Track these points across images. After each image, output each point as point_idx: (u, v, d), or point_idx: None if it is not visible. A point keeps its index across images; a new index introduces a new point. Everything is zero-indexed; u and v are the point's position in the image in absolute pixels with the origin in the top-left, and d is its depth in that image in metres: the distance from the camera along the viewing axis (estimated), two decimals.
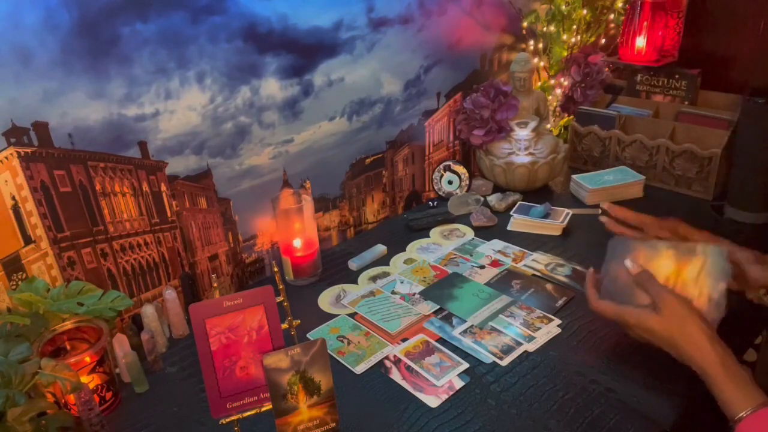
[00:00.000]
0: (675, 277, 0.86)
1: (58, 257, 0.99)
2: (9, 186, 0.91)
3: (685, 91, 1.61)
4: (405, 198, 1.59)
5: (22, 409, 0.73)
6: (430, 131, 1.58)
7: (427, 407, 0.88)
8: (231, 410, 0.77)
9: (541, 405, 0.87)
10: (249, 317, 0.76)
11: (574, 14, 1.67)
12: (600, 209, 1.38)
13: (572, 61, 1.62)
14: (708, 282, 0.85)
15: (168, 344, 1.04)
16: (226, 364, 0.76)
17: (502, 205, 1.42)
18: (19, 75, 0.87)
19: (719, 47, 1.72)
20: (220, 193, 1.18)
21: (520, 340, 0.99)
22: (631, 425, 0.82)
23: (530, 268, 1.19)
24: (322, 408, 0.77)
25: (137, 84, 1.00)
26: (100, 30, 0.93)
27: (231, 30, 1.09)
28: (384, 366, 0.96)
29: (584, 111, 1.59)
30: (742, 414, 0.73)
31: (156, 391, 0.95)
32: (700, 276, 0.85)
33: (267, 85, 1.18)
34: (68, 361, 0.82)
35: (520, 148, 1.45)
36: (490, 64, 1.66)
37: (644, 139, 1.47)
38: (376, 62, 1.35)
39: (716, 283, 0.85)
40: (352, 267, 1.25)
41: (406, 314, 1.07)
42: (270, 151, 1.23)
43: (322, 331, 1.05)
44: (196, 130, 1.11)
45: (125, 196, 1.05)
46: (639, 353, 0.91)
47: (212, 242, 1.21)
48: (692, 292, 0.85)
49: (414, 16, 1.39)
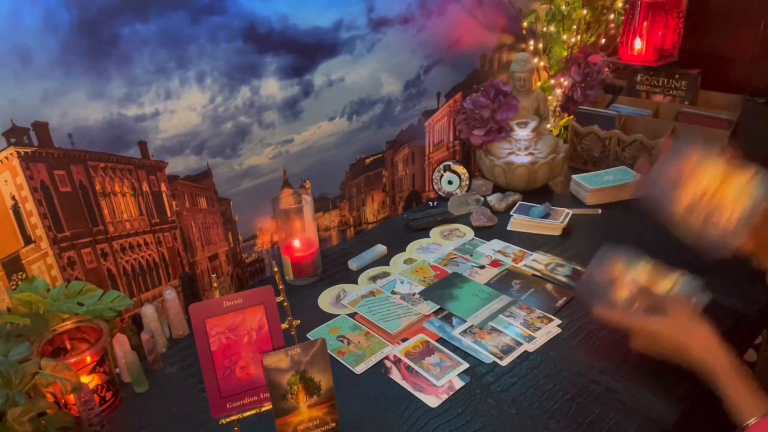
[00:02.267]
0: (716, 187, 0.85)
1: (58, 257, 0.99)
2: (9, 186, 0.91)
3: (685, 91, 1.61)
4: (405, 198, 1.59)
5: (22, 409, 0.73)
6: (430, 131, 1.58)
7: (427, 407, 0.88)
8: (231, 410, 0.77)
9: (541, 405, 0.87)
10: (249, 317, 0.75)
11: (574, 14, 1.67)
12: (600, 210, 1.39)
13: (572, 61, 1.62)
14: (748, 200, 0.84)
15: (168, 344, 1.04)
16: (226, 364, 0.76)
17: (502, 205, 1.42)
18: (19, 75, 0.87)
19: (719, 47, 1.72)
20: (220, 193, 1.18)
21: (520, 340, 0.99)
22: (631, 425, 0.82)
23: (530, 268, 1.19)
24: (322, 408, 0.77)
25: (137, 84, 1.00)
26: (100, 30, 0.93)
27: (231, 30, 1.09)
28: (384, 366, 0.96)
29: (584, 111, 1.59)
30: (752, 420, 0.72)
31: (156, 391, 0.95)
32: (744, 191, 0.84)
33: (267, 85, 1.18)
34: (68, 361, 0.82)
35: (520, 148, 1.45)
36: (490, 64, 1.66)
37: (644, 139, 1.47)
38: (376, 62, 1.35)
39: (755, 203, 0.83)
40: (352, 267, 1.25)
41: (406, 314, 1.07)
42: (270, 151, 1.23)
43: (322, 331, 1.05)
44: (196, 130, 1.11)
45: (125, 196, 1.05)
46: (639, 353, 0.91)
47: (212, 242, 1.21)
48: (728, 205, 0.84)
49: (414, 16, 1.39)
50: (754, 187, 0.85)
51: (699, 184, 0.86)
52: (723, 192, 0.85)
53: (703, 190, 0.86)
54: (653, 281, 0.88)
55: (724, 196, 0.85)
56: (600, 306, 0.90)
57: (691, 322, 0.80)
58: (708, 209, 0.86)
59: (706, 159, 0.88)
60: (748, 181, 0.85)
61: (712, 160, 0.87)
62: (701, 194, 0.86)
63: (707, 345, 0.78)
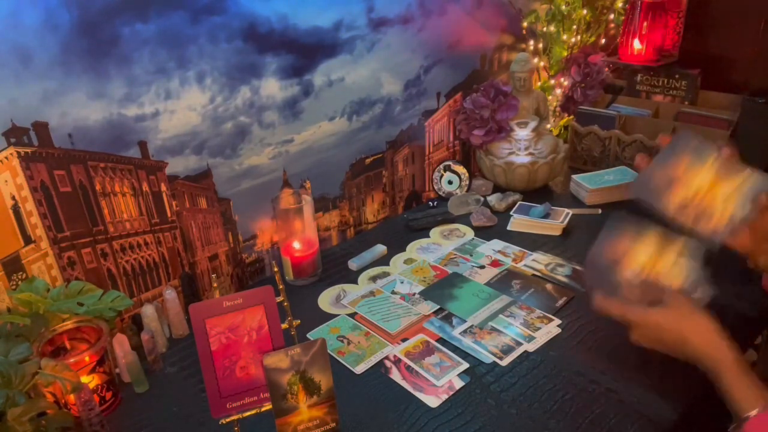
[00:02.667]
0: (707, 189, 0.85)
1: (58, 257, 0.99)
2: (9, 186, 0.91)
3: (685, 91, 1.61)
4: (405, 198, 1.59)
5: (22, 409, 0.73)
6: (430, 131, 1.58)
7: (427, 407, 0.88)
8: (231, 410, 0.77)
9: (541, 405, 0.87)
10: (249, 317, 0.75)
11: (574, 14, 1.67)
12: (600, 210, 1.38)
13: (572, 61, 1.62)
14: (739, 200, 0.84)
15: (168, 344, 1.04)
16: (226, 364, 0.76)
17: (502, 205, 1.42)
18: (19, 75, 0.87)
19: (719, 47, 1.72)
20: (220, 193, 1.18)
21: (520, 340, 0.99)
22: (631, 425, 0.82)
23: (530, 268, 1.19)
24: (322, 408, 0.77)
25: (137, 84, 1.00)
26: (100, 30, 0.93)
27: (231, 30, 1.09)
28: (384, 366, 0.96)
29: (584, 111, 1.59)
30: (752, 412, 0.72)
31: (156, 391, 0.95)
32: (735, 192, 0.84)
33: (267, 85, 1.18)
34: (68, 361, 0.82)
35: (520, 148, 1.45)
36: (490, 64, 1.66)
37: (644, 139, 1.47)
38: (376, 62, 1.35)
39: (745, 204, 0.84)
40: (352, 267, 1.25)
41: (406, 314, 1.07)
42: (270, 151, 1.23)
43: (322, 331, 1.05)
44: (196, 130, 1.11)
45: (125, 196, 1.05)
46: (639, 353, 0.91)
47: (212, 242, 1.21)
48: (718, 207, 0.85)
49: (414, 16, 1.39)
50: (746, 187, 0.85)
51: (691, 185, 0.86)
52: (714, 193, 0.85)
53: (695, 190, 0.86)
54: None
55: (715, 197, 0.85)
56: (601, 297, 0.89)
57: (692, 315, 0.80)
58: (698, 210, 0.86)
59: (700, 159, 0.88)
60: (741, 182, 0.85)
61: (705, 160, 0.87)
62: (692, 194, 0.86)
63: (708, 337, 0.78)
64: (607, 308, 0.88)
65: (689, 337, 0.79)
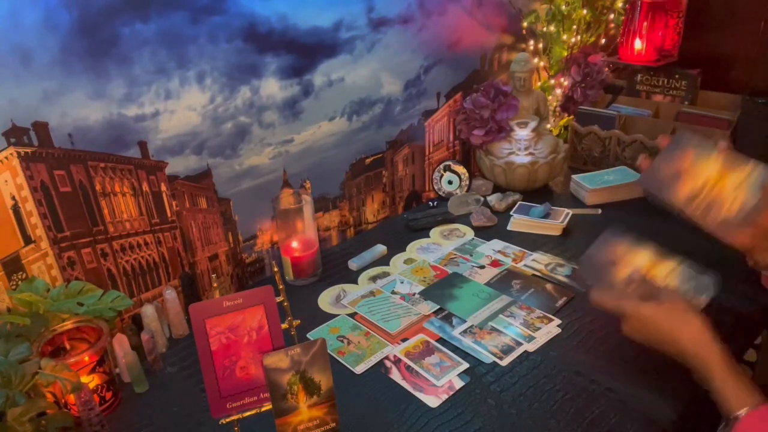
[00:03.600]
0: (715, 180, 0.87)
1: (58, 257, 0.99)
2: (9, 186, 0.91)
3: (685, 91, 1.61)
4: (405, 198, 1.59)
5: (22, 409, 0.73)
6: (430, 131, 1.58)
7: (427, 407, 0.88)
8: (231, 410, 0.77)
9: (541, 405, 0.87)
10: (249, 317, 0.75)
11: (574, 14, 1.67)
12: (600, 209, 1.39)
13: (572, 61, 1.62)
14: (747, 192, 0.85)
15: (168, 344, 1.04)
16: (226, 364, 0.76)
17: (502, 205, 1.42)
18: (19, 75, 0.87)
19: (719, 47, 1.72)
20: (220, 193, 1.18)
21: (520, 340, 0.99)
22: (631, 425, 0.82)
23: (530, 268, 1.19)
24: (322, 408, 0.77)
25: (137, 84, 1.00)
26: (100, 30, 0.93)
27: (231, 30, 1.09)
28: (384, 366, 0.96)
29: (584, 111, 1.59)
30: (741, 411, 0.72)
31: (156, 391, 0.95)
32: (742, 185, 0.85)
33: (267, 85, 1.18)
34: (68, 361, 0.82)
35: (520, 148, 1.45)
36: (490, 64, 1.66)
37: (644, 139, 1.47)
38: (376, 62, 1.35)
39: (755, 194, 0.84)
40: (352, 267, 1.25)
41: (406, 314, 1.07)
42: (270, 151, 1.23)
43: (322, 331, 1.05)
44: (196, 130, 1.11)
45: (125, 196, 1.05)
46: (639, 353, 0.91)
47: (212, 242, 1.21)
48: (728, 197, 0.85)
49: (414, 16, 1.39)
50: (754, 176, 0.86)
51: (698, 177, 0.87)
52: (723, 184, 0.87)
53: (703, 181, 0.87)
54: (654, 266, 0.88)
55: (723, 188, 0.86)
56: (597, 291, 0.90)
57: (685, 313, 0.80)
58: (707, 201, 0.87)
59: (706, 151, 0.89)
60: (749, 171, 0.86)
61: (710, 154, 0.88)
62: (701, 186, 0.87)
63: (699, 336, 0.78)
64: (602, 302, 0.88)
65: (680, 335, 0.80)
